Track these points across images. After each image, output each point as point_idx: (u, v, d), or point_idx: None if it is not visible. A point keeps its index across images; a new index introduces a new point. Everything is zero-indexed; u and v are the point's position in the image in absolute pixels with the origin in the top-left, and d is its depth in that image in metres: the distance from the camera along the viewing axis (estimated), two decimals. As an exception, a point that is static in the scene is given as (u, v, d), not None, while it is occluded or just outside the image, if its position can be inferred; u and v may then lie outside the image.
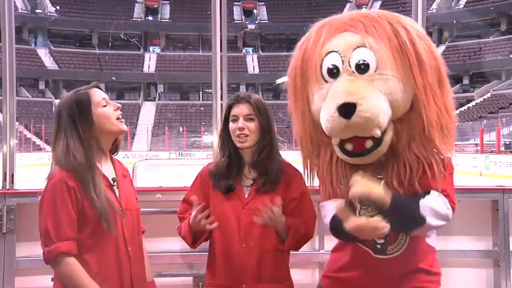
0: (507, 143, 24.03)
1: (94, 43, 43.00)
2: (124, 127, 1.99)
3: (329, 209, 1.83)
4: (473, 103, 34.57)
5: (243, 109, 2.10)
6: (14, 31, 2.92)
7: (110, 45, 42.02)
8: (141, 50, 43.52)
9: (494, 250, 2.88)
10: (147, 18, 45.27)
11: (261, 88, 39.50)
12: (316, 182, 1.95)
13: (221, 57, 3.11)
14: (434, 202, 1.73)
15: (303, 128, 1.86)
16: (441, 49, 36.80)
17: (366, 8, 33.99)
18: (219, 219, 2.06)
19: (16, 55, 2.91)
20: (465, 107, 33.99)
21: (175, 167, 19.99)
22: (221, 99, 3.06)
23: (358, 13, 1.81)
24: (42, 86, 39.35)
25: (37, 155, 25.56)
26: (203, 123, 33.06)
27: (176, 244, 2.67)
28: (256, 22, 44.83)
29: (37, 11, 41.26)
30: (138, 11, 44.88)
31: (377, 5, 40.22)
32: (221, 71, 3.09)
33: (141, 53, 43.31)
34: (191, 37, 43.86)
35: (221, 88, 3.06)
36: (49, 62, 40.22)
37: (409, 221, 1.72)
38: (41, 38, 41.82)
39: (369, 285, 1.83)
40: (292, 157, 2.26)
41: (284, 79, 1.96)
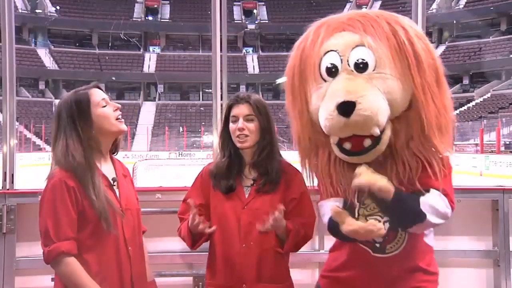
0: (507, 143, 24.02)
1: (94, 43, 42.99)
2: (124, 127, 1.99)
3: (327, 208, 1.82)
4: (473, 103, 34.57)
5: (242, 109, 2.10)
6: (14, 31, 2.92)
7: (110, 45, 42.00)
8: (141, 50, 43.51)
9: (494, 250, 2.88)
10: (147, 18, 45.26)
11: (261, 88, 39.47)
12: (315, 182, 1.95)
13: (221, 57, 3.11)
14: (433, 200, 1.73)
15: (301, 127, 1.86)
16: (441, 49, 36.84)
17: (366, 8, 33.98)
18: (219, 219, 2.07)
19: (16, 55, 2.91)
20: (465, 107, 34.00)
21: (175, 167, 19.99)
22: (221, 99, 3.06)
23: (356, 13, 1.81)
24: (42, 86, 39.34)
25: (37, 155, 25.55)
26: (203, 123, 33.05)
27: (176, 244, 2.67)
28: (256, 22, 44.83)
29: (37, 11, 41.26)
30: (138, 11, 44.87)
31: (377, 5, 40.20)
32: (221, 71, 3.09)
33: (141, 53, 43.30)
34: (191, 37, 43.86)
35: (221, 88, 3.06)
36: (49, 62, 40.21)
37: (410, 216, 1.71)
38: (41, 38, 41.82)
39: (368, 284, 1.83)
40: (292, 157, 2.26)
41: (284, 79, 1.95)
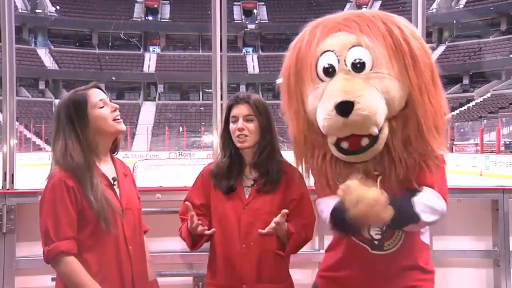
0: (507, 143, 24.02)
1: (94, 43, 42.99)
2: (122, 127, 1.99)
3: (327, 204, 1.81)
4: (473, 103, 34.55)
5: (242, 109, 2.10)
6: (14, 31, 2.92)
7: (110, 45, 42.00)
8: (141, 50, 43.52)
9: (494, 250, 2.89)
10: (147, 18, 45.26)
11: (261, 88, 39.44)
12: (312, 182, 1.95)
13: (221, 57, 3.11)
14: (428, 198, 1.74)
15: (297, 128, 1.86)
16: (441, 49, 36.80)
17: (366, 8, 34.00)
18: (219, 219, 2.07)
19: (16, 55, 2.91)
20: (465, 107, 33.99)
21: (175, 167, 19.98)
22: (221, 99, 3.06)
23: (352, 13, 1.81)
24: (42, 86, 39.35)
25: (37, 155, 25.55)
26: (203, 123, 33.05)
27: (176, 244, 2.67)
28: (256, 22, 44.83)
29: (37, 11, 41.26)
30: (138, 11, 44.87)
31: (377, 5, 40.19)
32: (221, 71, 3.09)
33: (141, 53, 43.31)
34: (191, 37, 43.86)
35: (221, 88, 3.06)
36: (49, 62, 40.22)
37: (403, 219, 1.70)
38: (41, 38, 41.82)
39: (365, 283, 1.83)
40: (292, 157, 2.26)
41: (281, 79, 1.95)
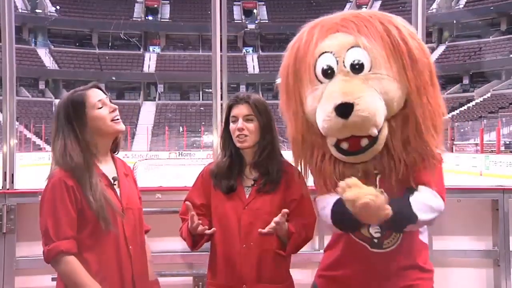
0: (507, 143, 24.01)
1: (94, 43, 42.98)
2: (121, 127, 1.99)
3: (327, 201, 1.80)
4: (473, 103, 34.54)
5: (242, 109, 2.10)
6: (14, 31, 2.92)
7: (110, 45, 41.98)
8: (141, 50, 43.50)
9: (494, 250, 2.89)
10: (147, 18, 45.25)
11: (261, 88, 39.42)
12: (310, 182, 1.95)
13: (221, 57, 3.11)
14: (424, 197, 1.74)
15: (295, 129, 1.86)
16: (441, 49, 36.78)
17: (366, 8, 33.99)
18: (220, 219, 2.07)
19: (16, 55, 2.92)
20: (465, 107, 33.99)
21: (175, 167, 19.99)
22: (221, 99, 3.06)
23: (349, 13, 1.81)
24: (42, 86, 39.33)
25: (37, 155, 25.54)
26: (203, 123, 33.04)
27: (176, 244, 2.67)
28: (256, 22, 44.82)
29: (37, 11, 41.25)
30: (138, 11, 44.86)
31: (377, 5, 40.19)
32: (221, 71, 3.09)
33: (141, 53, 43.30)
34: (191, 37, 43.84)
35: (221, 88, 3.06)
36: (49, 62, 40.21)
37: (402, 220, 1.70)
38: (41, 38, 41.81)
39: (364, 282, 1.83)
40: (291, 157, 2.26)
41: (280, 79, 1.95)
